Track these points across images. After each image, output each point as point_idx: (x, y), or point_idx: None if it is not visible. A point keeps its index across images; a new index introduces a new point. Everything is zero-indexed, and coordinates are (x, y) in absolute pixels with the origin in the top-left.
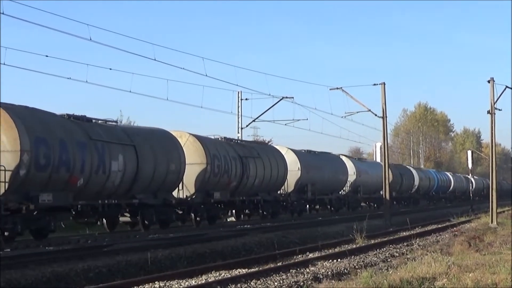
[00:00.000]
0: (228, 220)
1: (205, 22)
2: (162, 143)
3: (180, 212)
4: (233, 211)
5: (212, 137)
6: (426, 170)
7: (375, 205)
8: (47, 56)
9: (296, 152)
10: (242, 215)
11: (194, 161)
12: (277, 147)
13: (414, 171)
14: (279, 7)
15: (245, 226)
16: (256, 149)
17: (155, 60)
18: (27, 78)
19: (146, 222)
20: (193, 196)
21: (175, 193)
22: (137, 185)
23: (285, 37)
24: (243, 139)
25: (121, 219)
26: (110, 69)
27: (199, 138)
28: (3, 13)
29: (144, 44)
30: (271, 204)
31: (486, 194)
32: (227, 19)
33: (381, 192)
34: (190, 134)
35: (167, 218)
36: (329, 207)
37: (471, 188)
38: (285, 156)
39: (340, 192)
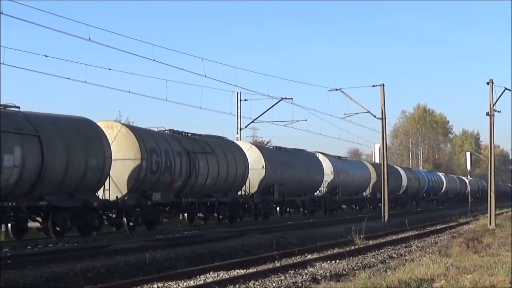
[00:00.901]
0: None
1: (204, 22)
2: (80, 134)
3: (113, 216)
4: (185, 214)
5: (156, 129)
6: (415, 170)
7: (357, 207)
8: (46, 56)
9: (261, 148)
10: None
11: (126, 156)
12: (239, 142)
13: (401, 171)
14: (278, 7)
15: (193, 232)
16: (209, 143)
17: (154, 60)
18: (26, 78)
19: (58, 228)
20: (125, 198)
21: (105, 195)
22: (44, 184)
23: (284, 38)
24: (244, 137)
25: (30, 224)
26: (109, 69)
27: (134, 129)
28: (2, 13)
29: (143, 45)
30: (228, 206)
31: (482, 196)
32: (226, 20)
33: (365, 193)
34: (123, 124)
35: (87, 223)
36: (302, 209)
37: (467, 189)
38: (247, 153)
39: (316, 193)
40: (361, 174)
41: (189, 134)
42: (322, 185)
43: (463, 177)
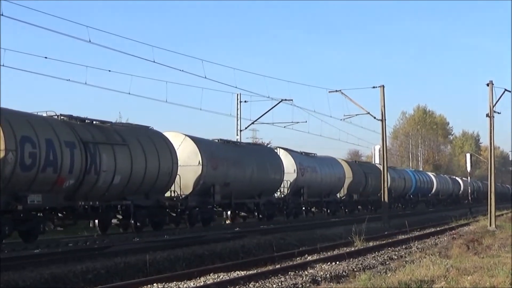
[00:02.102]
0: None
1: (204, 24)
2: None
3: None
4: (96, 221)
5: (45, 114)
6: (401, 169)
7: (328, 211)
8: (46, 57)
9: (198, 141)
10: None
11: None
12: (170, 133)
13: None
14: (278, 9)
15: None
16: (120, 133)
17: (154, 62)
18: (26, 79)
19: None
20: None
21: None
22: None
23: (284, 40)
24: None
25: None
26: (109, 71)
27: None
28: (2, 15)
29: (143, 46)
30: (150, 211)
31: (477, 197)
32: (226, 22)
33: (338, 195)
34: None
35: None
36: (256, 214)
37: (460, 190)
38: (180, 146)
39: (275, 195)
40: (333, 173)
41: (93, 122)
42: (282, 186)
43: (457, 178)
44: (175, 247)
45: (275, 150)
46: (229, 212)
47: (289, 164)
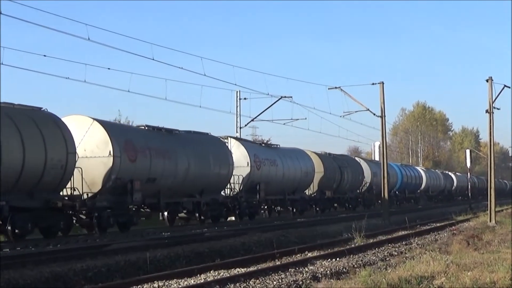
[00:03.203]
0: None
1: (203, 21)
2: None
3: None
4: None
5: None
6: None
7: (294, 210)
8: (45, 55)
9: (108, 126)
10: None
11: None
12: (70, 117)
13: (364, 164)
14: (277, 6)
15: None
16: None
17: (153, 59)
18: (25, 78)
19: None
20: None
21: None
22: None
23: (283, 37)
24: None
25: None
26: (109, 68)
27: None
28: (2, 13)
29: (143, 44)
30: (34, 214)
31: (473, 194)
32: (225, 19)
33: (307, 192)
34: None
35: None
36: (197, 215)
37: (453, 186)
38: (82, 132)
39: (224, 193)
40: (299, 167)
41: None
42: (233, 182)
43: (449, 173)
44: (175, 244)
45: (224, 140)
46: (166, 214)
47: (241, 156)
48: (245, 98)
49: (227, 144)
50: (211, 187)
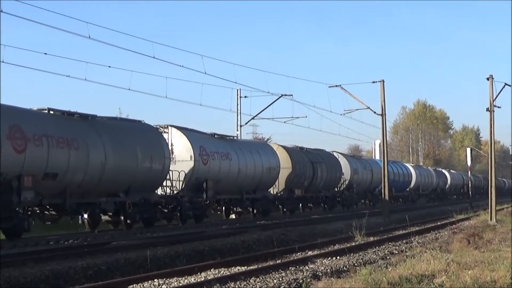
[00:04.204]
0: None
1: (204, 19)
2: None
3: None
4: None
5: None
6: (368, 159)
7: (254, 211)
8: (46, 54)
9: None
10: None
11: None
12: None
13: (343, 160)
14: (278, 4)
15: None
16: None
17: (154, 57)
18: (26, 76)
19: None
20: None
21: None
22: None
23: (284, 35)
24: (241, 137)
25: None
26: (109, 66)
27: None
28: (2, 11)
29: (143, 42)
30: None
31: (468, 192)
32: (226, 17)
33: (272, 190)
34: None
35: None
36: (122, 218)
37: (447, 184)
38: None
39: (160, 191)
40: (260, 162)
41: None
42: (173, 178)
43: (443, 170)
44: (175, 243)
45: (163, 129)
46: (85, 216)
47: (183, 148)
48: (245, 96)
49: (166, 133)
50: (140, 184)
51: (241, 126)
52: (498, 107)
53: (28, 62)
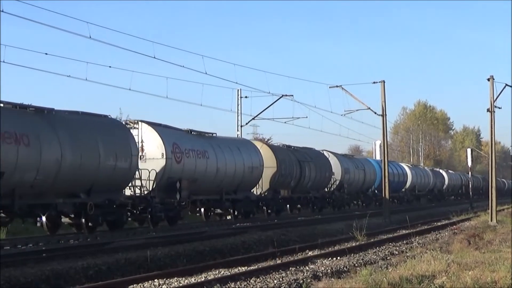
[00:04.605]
0: None
1: (204, 20)
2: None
3: None
4: None
5: None
6: (361, 158)
7: (235, 213)
8: (46, 54)
9: None
10: None
11: None
12: None
13: (333, 159)
14: (278, 5)
15: None
16: None
17: (154, 58)
18: (27, 75)
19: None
20: None
21: None
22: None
23: (284, 35)
24: (242, 136)
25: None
26: (110, 67)
27: None
28: (3, 11)
29: (144, 42)
30: None
31: (467, 193)
32: (226, 17)
33: (256, 190)
34: None
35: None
36: (83, 220)
37: (444, 185)
38: None
39: (129, 192)
40: (241, 160)
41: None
42: (142, 178)
43: (441, 170)
44: (175, 243)
45: (134, 125)
46: (43, 218)
47: (154, 145)
48: (246, 97)
49: (137, 129)
50: (104, 184)
51: (241, 126)
52: (499, 107)
53: (29, 62)
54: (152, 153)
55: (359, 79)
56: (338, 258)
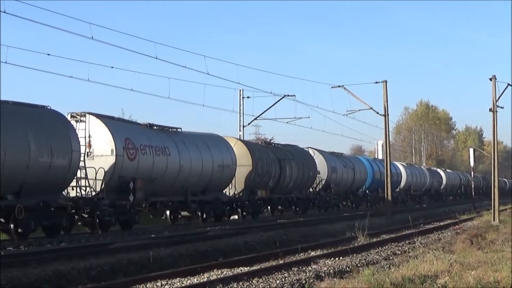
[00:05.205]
0: None
1: (206, 20)
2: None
3: None
4: None
5: None
6: (351, 157)
7: (204, 215)
8: (49, 54)
9: None
10: None
11: None
12: None
13: (319, 157)
14: (280, 5)
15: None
16: None
17: (156, 58)
18: (29, 76)
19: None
20: None
21: None
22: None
23: (286, 36)
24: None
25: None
26: (112, 67)
27: None
28: (4, 12)
29: (146, 43)
30: None
31: (466, 193)
32: (228, 18)
33: (228, 191)
34: None
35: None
36: (12, 226)
37: (442, 185)
38: None
39: (78, 194)
40: (209, 158)
41: None
42: (88, 176)
43: (438, 169)
44: (178, 243)
45: (76, 117)
46: None
47: (103, 141)
48: (248, 97)
49: (84, 123)
50: (37, 184)
51: (243, 126)
52: (501, 107)
53: (31, 62)
54: (101, 149)
55: (361, 79)
56: (341, 258)
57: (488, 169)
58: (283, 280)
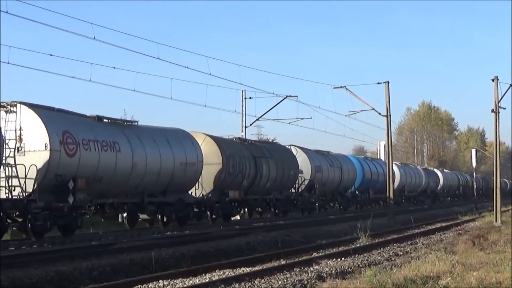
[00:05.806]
0: None
1: (209, 21)
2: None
3: None
4: None
5: None
6: (338, 155)
7: (164, 219)
8: (51, 55)
9: None
10: None
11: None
12: None
13: (301, 155)
14: (282, 6)
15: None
16: None
17: (159, 59)
18: (31, 76)
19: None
20: None
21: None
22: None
23: (289, 36)
24: (248, 138)
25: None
26: (114, 68)
27: None
28: (6, 12)
29: (148, 43)
30: None
31: (466, 194)
32: (231, 18)
33: (195, 192)
34: None
35: None
36: None
37: (439, 185)
38: None
39: (10, 194)
40: (169, 155)
41: None
42: (25, 176)
43: (435, 170)
44: (180, 244)
45: (5, 107)
46: None
47: (35, 134)
48: (250, 98)
49: (14, 113)
50: None
51: (246, 127)
52: (503, 108)
53: (33, 63)
54: (33, 144)
55: (363, 79)
56: (343, 259)
57: (490, 170)
58: (285, 280)
